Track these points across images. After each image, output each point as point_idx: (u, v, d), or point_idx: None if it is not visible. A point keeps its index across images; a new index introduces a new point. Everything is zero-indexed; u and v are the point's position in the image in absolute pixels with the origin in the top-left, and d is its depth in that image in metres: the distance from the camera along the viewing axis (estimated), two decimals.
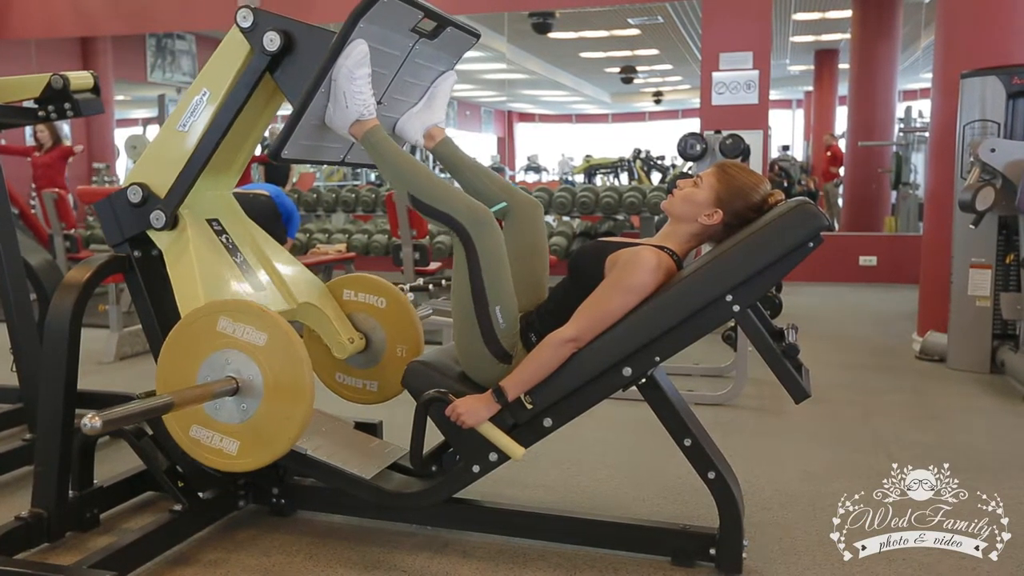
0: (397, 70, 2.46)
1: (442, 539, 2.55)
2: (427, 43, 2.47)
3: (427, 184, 2.24)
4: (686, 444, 2.29)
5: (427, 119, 2.59)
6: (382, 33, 2.29)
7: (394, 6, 2.25)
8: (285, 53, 2.32)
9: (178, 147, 2.46)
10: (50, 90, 3.13)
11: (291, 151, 2.34)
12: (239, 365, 2.15)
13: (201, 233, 2.52)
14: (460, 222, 2.17)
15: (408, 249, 6.01)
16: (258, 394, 2.15)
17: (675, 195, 2.33)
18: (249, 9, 2.34)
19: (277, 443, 2.17)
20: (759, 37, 7.53)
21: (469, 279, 2.20)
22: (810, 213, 2.05)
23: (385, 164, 2.31)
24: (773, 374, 2.17)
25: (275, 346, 2.13)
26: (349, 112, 2.28)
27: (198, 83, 2.46)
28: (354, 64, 2.22)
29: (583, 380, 2.21)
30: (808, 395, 2.16)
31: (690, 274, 2.15)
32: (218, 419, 2.19)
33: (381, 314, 2.82)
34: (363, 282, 2.85)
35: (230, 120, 2.41)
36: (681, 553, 2.35)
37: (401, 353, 2.81)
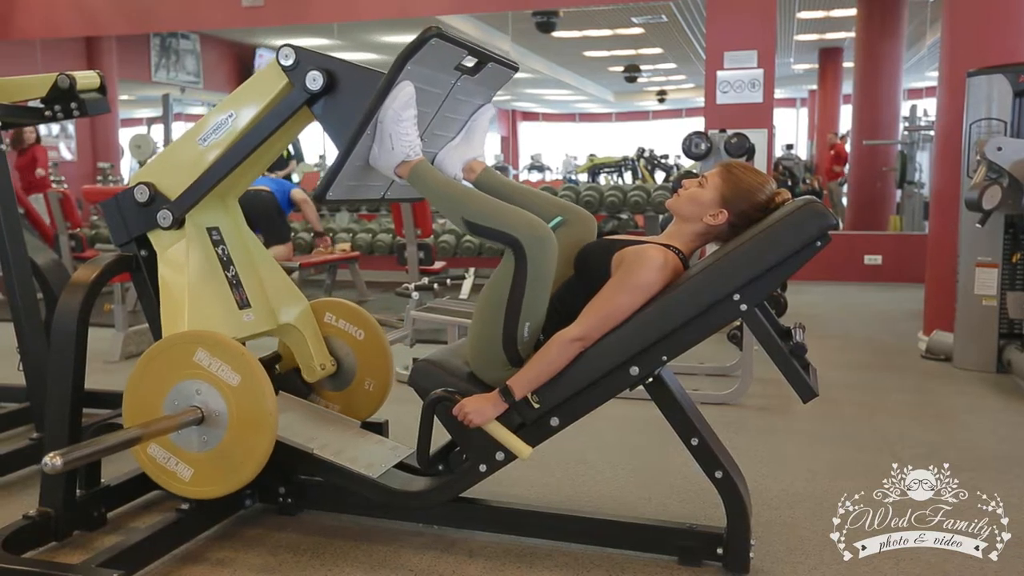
0: (439, 107, 2.47)
1: (448, 538, 2.55)
2: (468, 78, 2.47)
3: (480, 207, 2.22)
4: (693, 443, 2.29)
5: (466, 153, 2.58)
6: (427, 73, 2.29)
7: (441, 47, 2.24)
8: (327, 92, 2.35)
9: (194, 158, 2.50)
10: (56, 90, 3.13)
11: (335, 192, 2.34)
12: (208, 398, 2.23)
13: (199, 243, 2.55)
14: (518, 238, 2.13)
15: (412, 248, 6.01)
16: (221, 430, 2.23)
17: (680, 195, 2.32)
18: (291, 48, 2.36)
19: (231, 479, 2.26)
20: (763, 35, 7.52)
21: (510, 291, 2.17)
22: (818, 212, 2.05)
23: (435, 196, 2.30)
24: (780, 373, 2.16)
25: (247, 389, 2.21)
26: (395, 154, 2.27)
27: (226, 104, 2.50)
28: (401, 106, 2.22)
29: (590, 379, 2.21)
30: (816, 394, 2.15)
31: (697, 273, 2.15)
32: (177, 443, 2.27)
33: (357, 345, 2.91)
34: (347, 310, 2.92)
35: (254, 147, 2.45)
36: (688, 552, 2.35)
37: (369, 387, 2.91)
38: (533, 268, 2.14)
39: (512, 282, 2.16)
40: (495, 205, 2.22)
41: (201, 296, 2.47)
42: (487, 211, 2.20)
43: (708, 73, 7.76)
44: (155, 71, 12.61)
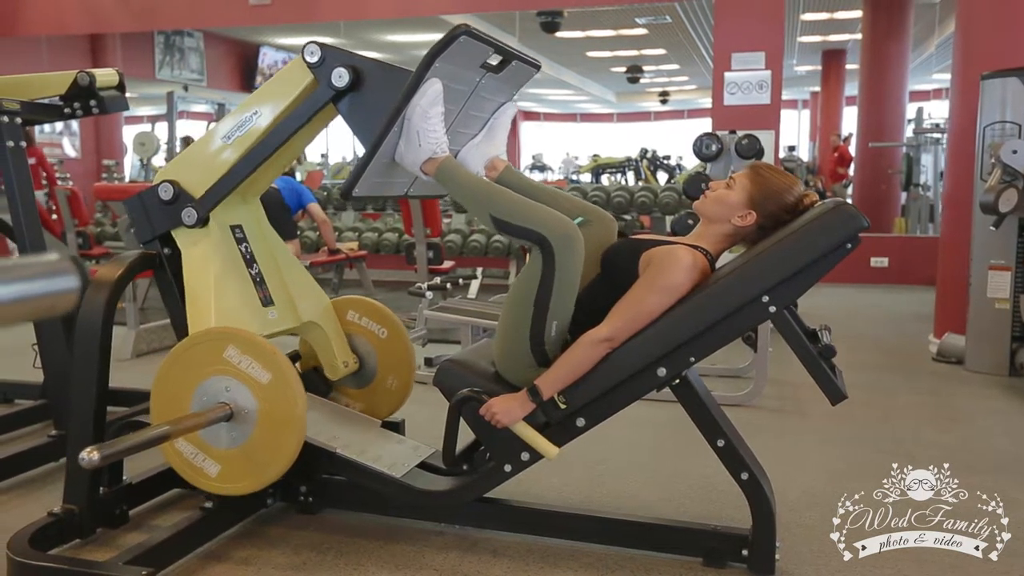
0: (463, 105, 2.47)
1: (471, 538, 2.55)
2: (492, 76, 2.47)
3: (509, 204, 2.22)
4: (719, 445, 2.29)
5: (488, 151, 2.58)
6: (454, 71, 2.29)
7: (468, 45, 2.25)
8: (352, 89, 2.35)
9: (219, 156, 2.50)
10: (76, 87, 3.14)
11: (360, 188, 2.35)
12: (237, 395, 2.24)
13: (223, 241, 2.55)
14: (547, 236, 2.13)
15: (422, 247, 6.01)
16: (250, 427, 2.23)
17: (707, 196, 2.32)
18: (316, 45, 2.36)
19: (260, 476, 2.27)
20: (771, 37, 7.50)
21: (538, 290, 2.17)
22: (849, 214, 2.05)
23: (462, 193, 2.30)
24: (802, 375, 2.17)
25: (276, 387, 2.21)
26: (422, 151, 2.27)
27: (251, 102, 2.50)
28: (428, 103, 2.22)
29: (617, 380, 2.21)
30: (845, 396, 2.15)
31: (727, 274, 2.15)
32: (205, 439, 2.28)
33: (380, 343, 2.90)
34: (369, 308, 2.92)
35: (278, 144, 2.45)
36: (713, 554, 2.35)
37: (391, 385, 2.90)
38: (561, 266, 2.14)
39: (540, 281, 2.16)
40: (523, 203, 2.23)
41: (226, 293, 2.47)
42: (516, 209, 2.20)
43: (716, 74, 7.75)
44: (159, 69, 12.61)
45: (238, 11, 8.63)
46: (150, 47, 12.52)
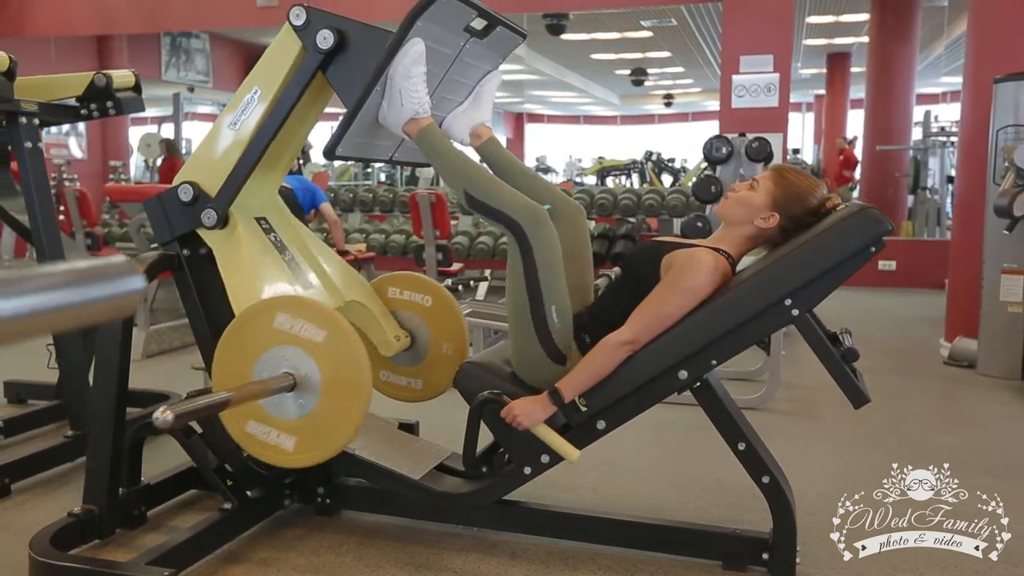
0: (448, 69, 2.47)
1: (489, 540, 2.55)
2: (477, 42, 2.48)
3: (483, 182, 2.25)
4: (740, 448, 2.29)
5: (473, 118, 2.59)
6: (437, 32, 2.29)
7: (451, 5, 2.25)
8: (338, 51, 2.33)
9: (229, 145, 2.47)
10: (93, 88, 3.14)
11: (344, 149, 2.35)
12: (296, 361, 2.15)
13: (251, 232, 2.53)
14: (517, 221, 2.17)
15: (431, 249, 6.01)
16: (315, 390, 2.15)
17: (729, 198, 2.32)
18: (302, 7, 2.35)
19: (334, 439, 2.17)
20: (780, 40, 7.51)
21: (525, 278, 2.19)
22: (874, 218, 2.05)
23: (441, 161, 2.31)
24: (833, 378, 2.16)
25: (333, 343, 2.13)
26: (404, 110, 2.28)
27: (249, 81, 2.47)
28: (411, 62, 2.22)
29: (639, 383, 2.21)
30: (868, 400, 2.16)
31: (749, 277, 2.15)
32: (274, 415, 2.19)
33: (427, 312, 2.81)
34: (408, 280, 2.84)
35: (282, 119, 2.41)
36: (733, 557, 2.35)
37: (447, 351, 2.80)
38: (537, 248, 2.16)
39: (524, 270, 2.18)
40: (498, 185, 2.25)
41: (267, 280, 2.43)
42: (491, 189, 2.22)
43: (724, 77, 7.75)
44: (165, 70, 12.62)
45: (246, 12, 8.64)
46: (156, 48, 12.54)
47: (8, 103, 2.80)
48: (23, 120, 2.94)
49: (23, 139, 2.93)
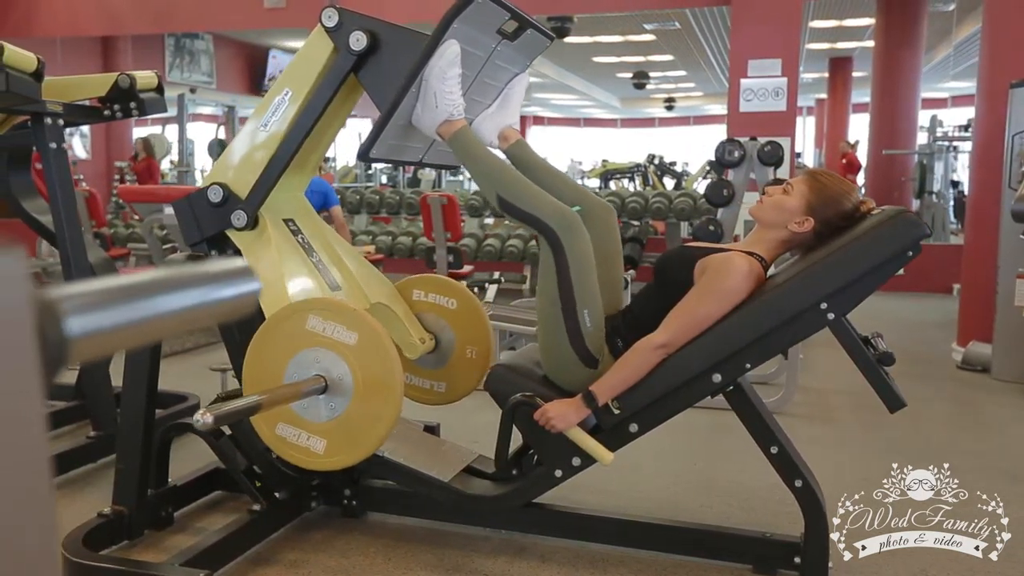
0: (479, 71, 2.47)
1: (517, 543, 2.55)
2: (507, 44, 2.48)
3: (516, 186, 2.25)
4: (773, 451, 2.29)
5: (502, 120, 2.59)
6: (470, 34, 2.30)
7: (486, 7, 2.26)
8: (370, 53, 2.33)
9: (260, 147, 2.48)
10: (116, 89, 3.14)
11: (378, 151, 2.35)
12: (328, 364, 2.15)
13: (280, 234, 2.53)
14: (549, 225, 2.17)
15: (442, 251, 6.01)
16: (347, 393, 2.14)
17: (764, 202, 2.32)
18: (334, 9, 2.35)
19: (365, 442, 2.17)
20: (787, 44, 7.52)
21: (557, 282, 2.20)
22: (912, 222, 2.05)
23: (474, 164, 2.31)
24: (868, 382, 2.17)
25: (366, 345, 2.12)
26: (439, 112, 2.28)
27: (280, 83, 2.47)
28: (447, 64, 2.23)
29: (672, 386, 2.21)
30: (904, 404, 2.16)
31: (785, 281, 2.15)
32: (305, 417, 2.19)
33: (451, 315, 2.81)
34: (433, 283, 2.84)
35: (314, 120, 2.42)
36: (763, 561, 2.35)
37: (471, 354, 2.80)
38: (570, 252, 2.17)
39: (556, 273, 2.18)
40: (531, 188, 2.25)
41: (295, 281, 2.43)
42: (524, 193, 2.22)
43: (732, 81, 7.76)
44: (169, 71, 12.60)
45: (253, 14, 8.63)
46: (160, 49, 12.53)
47: (35, 104, 2.79)
48: (48, 121, 2.93)
49: (48, 140, 2.93)
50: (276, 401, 2.07)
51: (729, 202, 5.43)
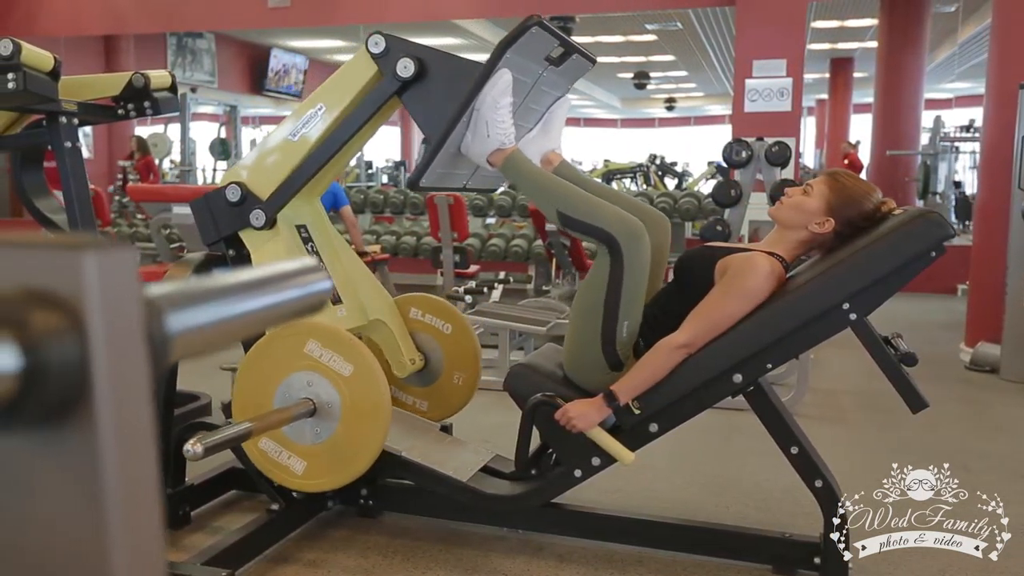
0: (524, 97, 2.47)
1: (534, 542, 2.55)
2: (551, 69, 2.48)
3: (576, 201, 2.23)
4: (793, 452, 2.29)
5: (544, 144, 2.58)
6: (521, 62, 2.30)
7: (539, 36, 2.26)
8: (416, 79, 2.34)
9: (286, 155, 2.50)
10: (131, 88, 3.13)
11: (427, 179, 2.35)
12: (320, 389, 2.21)
13: (291, 240, 2.55)
14: (614, 235, 2.14)
15: (448, 251, 6.01)
16: (334, 421, 2.21)
17: (783, 202, 2.32)
18: (381, 35, 2.37)
19: (343, 471, 2.25)
20: (792, 45, 7.54)
21: (607, 291, 2.18)
22: (935, 223, 2.05)
23: (530, 186, 2.31)
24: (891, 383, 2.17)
25: (360, 378, 2.19)
26: (491, 141, 2.27)
27: (315, 98, 2.49)
28: (499, 93, 2.23)
29: (693, 386, 2.21)
30: (927, 405, 2.16)
31: (807, 281, 2.15)
32: (289, 436, 2.25)
33: (444, 339, 2.87)
34: (432, 304, 2.89)
35: (349, 136, 2.44)
36: (782, 561, 2.36)
37: (458, 381, 2.86)
38: (630, 265, 2.15)
39: (608, 282, 2.17)
40: (591, 200, 2.23)
41: None
42: (583, 206, 2.21)
43: (737, 81, 7.77)
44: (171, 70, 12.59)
45: (257, 13, 8.63)
46: (163, 48, 12.52)
47: (51, 103, 2.79)
48: (63, 120, 2.93)
49: (63, 139, 2.92)
50: (266, 427, 2.13)
51: (736, 202, 5.44)
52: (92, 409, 0.43)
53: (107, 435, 0.44)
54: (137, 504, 0.46)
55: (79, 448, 0.43)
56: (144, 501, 0.46)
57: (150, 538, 0.47)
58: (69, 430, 0.43)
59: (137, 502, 0.46)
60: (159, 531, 0.48)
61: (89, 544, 0.44)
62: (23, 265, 0.43)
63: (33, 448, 0.44)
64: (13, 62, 2.57)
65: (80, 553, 0.44)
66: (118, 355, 0.44)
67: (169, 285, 0.54)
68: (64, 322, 0.42)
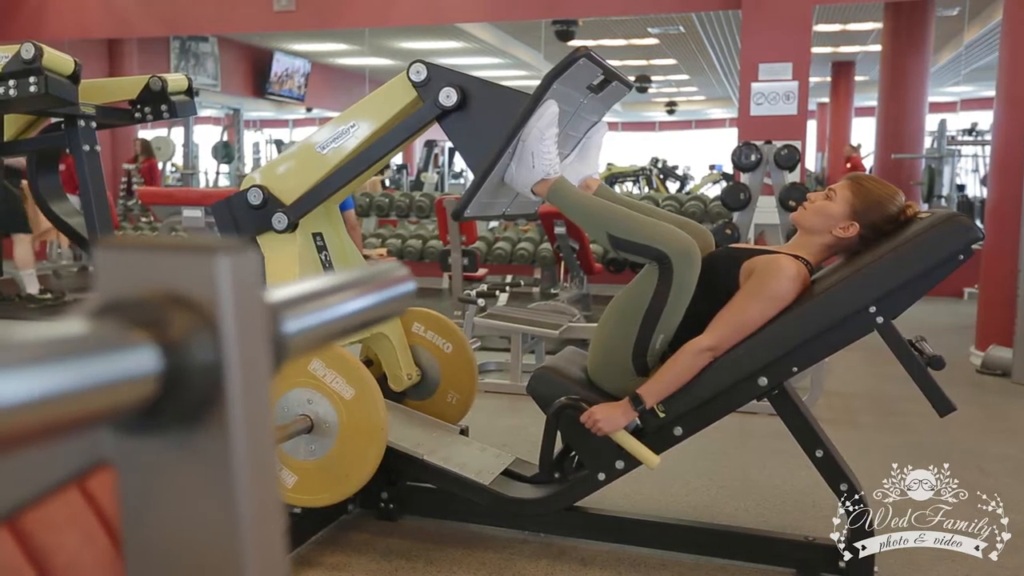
0: (565, 125, 2.47)
1: (556, 546, 2.55)
2: (591, 96, 2.49)
3: (626, 222, 2.21)
4: (817, 455, 2.29)
5: (582, 170, 2.56)
6: (565, 92, 2.30)
7: (585, 67, 2.27)
8: (458, 108, 2.35)
9: (313, 165, 2.51)
10: (148, 92, 3.14)
11: (471, 209, 2.35)
12: (319, 408, 2.24)
13: (305, 248, 2.57)
14: (667, 253, 2.12)
15: (457, 255, 6.00)
16: (330, 441, 2.24)
17: (807, 207, 2.32)
18: (423, 64, 2.37)
19: (332, 491, 2.28)
20: (798, 48, 7.55)
21: (650, 304, 2.16)
22: (964, 226, 2.05)
23: (577, 212, 2.30)
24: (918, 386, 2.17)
25: (360, 403, 2.22)
26: (535, 172, 2.26)
27: (349, 115, 2.51)
28: (545, 124, 2.22)
29: (718, 389, 2.21)
30: (954, 408, 2.16)
31: (833, 284, 2.15)
32: (282, 449, 2.27)
33: (444, 358, 2.89)
34: (435, 321, 2.91)
35: (378, 157, 2.47)
36: (806, 565, 2.35)
37: (452, 400, 2.89)
38: (679, 283, 2.13)
39: (654, 295, 2.15)
40: (640, 220, 2.21)
41: None
42: (633, 227, 2.19)
43: (742, 85, 7.78)
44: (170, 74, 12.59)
45: (262, 16, 8.64)
46: (166, 51, 12.52)
47: (71, 106, 2.79)
48: (81, 123, 2.93)
49: (82, 142, 2.93)
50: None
51: (746, 205, 5.45)
52: (225, 411, 0.43)
53: (238, 437, 0.44)
54: (264, 505, 0.47)
55: (212, 450, 0.43)
56: (270, 502, 0.47)
57: (275, 539, 0.48)
58: (203, 432, 0.43)
59: (265, 503, 0.46)
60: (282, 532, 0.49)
61: (221, 546, 0.44)
62: (158, 268, 0.43)
63: (169, 450, 0.44)
64: (35, 66, 2.58)
65: (212, 554, 0.44)
66: (247, 357, 0.45)
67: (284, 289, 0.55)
68: (200, 324, 0.42)
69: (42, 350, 0.37)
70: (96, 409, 0.39)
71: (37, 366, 0.36)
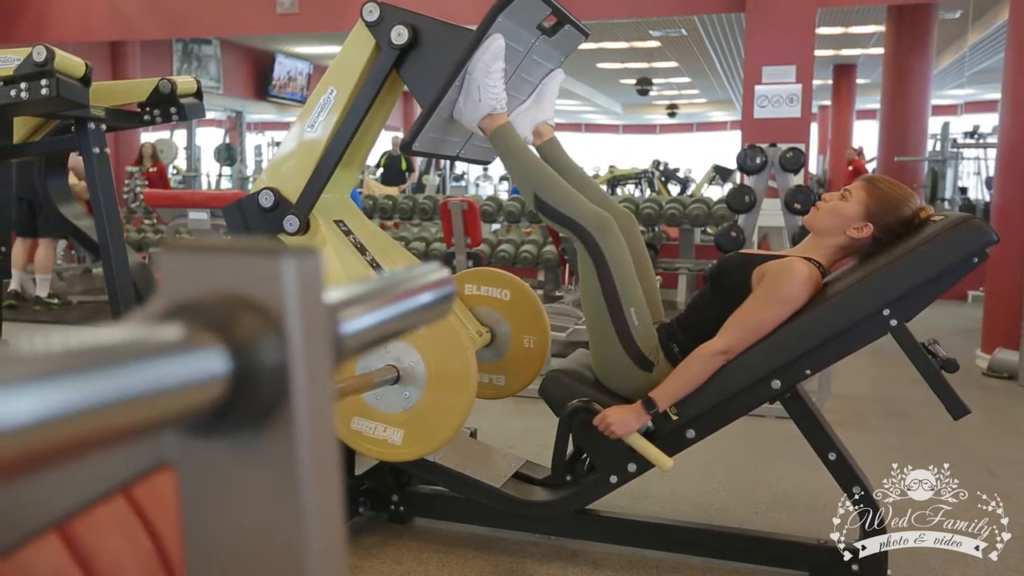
0: (517, 66, 2.48)
1: (567, 548, 2.54)
2: (544, 39, 2.50)
3: (554, 187, 2.26)
4: (831, 458, 2.28)
5: (536, 116, 2.59)
6: (513, 28, 2.31)
7: (531, 2, 2.27)
8: (411, 47, 2.34)
9: (308, 148, 2.48)
10: (157, 94, 3.13)
11: (419, 144, 2.36)
12: (399, 353, 2.16)
13: (334, 235, 2.53)
14: (586, 228, 2.19)
15: (462, 257, 6.00)
16: (420, 383, 2.15)
17: (820, 208, 2.31)
18: (375, 3, 2.35)
19: (441, 431, 2.18)
20: (801, 51, 7.56)
21: (600, 284, 2.21)
22: (979, 228, 2.05)
23: (512, 161, 2.32)
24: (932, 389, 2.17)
25: (437, 334, 2.13)
26: (482, 106, 2.29)
27: (325, 82, 2.48)
28: (491, 58, 2.24)
29: (731, 392, 2.21)
30: (968, 411, 2.16)
31: (847, 286, 2.15)
32: (379, 409, 2.20)
33: (505, 306, 2.78)
34: (485, 275, 2.83)
35: (360, 117, 2.42)
36: (819, 568, 2.34)
37: (529, 344, 2.77)
38: (608, 251, 2.19)
39: (597, 275, 2.20)
40: (569, 191, 2.26)
41: (353, 273, 2.43)
42: (560, 195, 2.24)
43: (746, 87, 7.79)
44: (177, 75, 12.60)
45: (265, 19, 8.65)
46: (168, 54, 12.54)
47: (82, 109, 2.79)
48: (91, 125, 2.92)
49: (92, 144, 2.92)
50: (347, 391, 2.07)
51: (751, 208, 5.44)
52: (291, 412, 0.43)
53: (304, 439, 0.44)
54: (328, 505, 0.47)
55: (278, 451, 0.43)
56: (333, 503, 0.47)
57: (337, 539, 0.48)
58: (268, 433, 0.43)
59: (328, 504, 0.46)
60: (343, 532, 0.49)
61: (285, 546, 0.44)
62: (223, 271, 0.43)
63: (234, 451, 0.44)
64: (47, 68, 2.57)
65: (276, 554, 0.44)
66: (312, 358, 0.45)
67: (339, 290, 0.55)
68: (267, 326, 0.42)
69: (117, 353, 0.37)
70: (168, 412, 0.39)
71: (112, 369, 0.36)
